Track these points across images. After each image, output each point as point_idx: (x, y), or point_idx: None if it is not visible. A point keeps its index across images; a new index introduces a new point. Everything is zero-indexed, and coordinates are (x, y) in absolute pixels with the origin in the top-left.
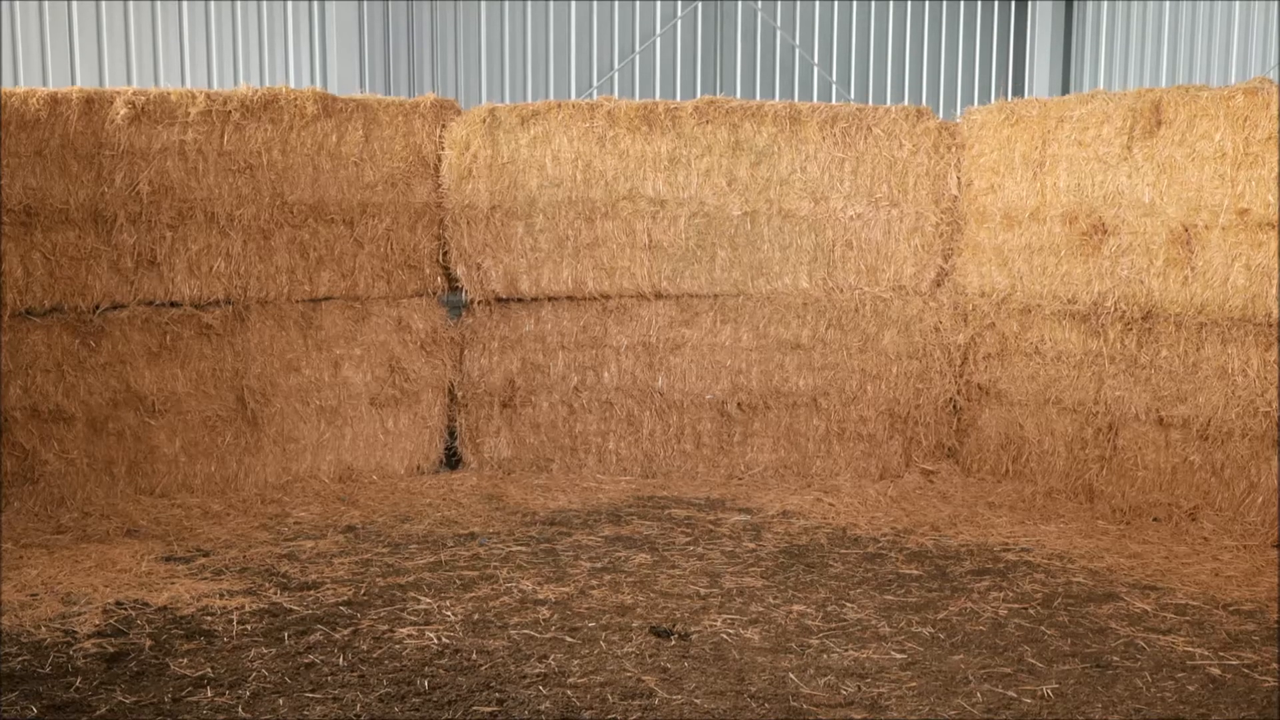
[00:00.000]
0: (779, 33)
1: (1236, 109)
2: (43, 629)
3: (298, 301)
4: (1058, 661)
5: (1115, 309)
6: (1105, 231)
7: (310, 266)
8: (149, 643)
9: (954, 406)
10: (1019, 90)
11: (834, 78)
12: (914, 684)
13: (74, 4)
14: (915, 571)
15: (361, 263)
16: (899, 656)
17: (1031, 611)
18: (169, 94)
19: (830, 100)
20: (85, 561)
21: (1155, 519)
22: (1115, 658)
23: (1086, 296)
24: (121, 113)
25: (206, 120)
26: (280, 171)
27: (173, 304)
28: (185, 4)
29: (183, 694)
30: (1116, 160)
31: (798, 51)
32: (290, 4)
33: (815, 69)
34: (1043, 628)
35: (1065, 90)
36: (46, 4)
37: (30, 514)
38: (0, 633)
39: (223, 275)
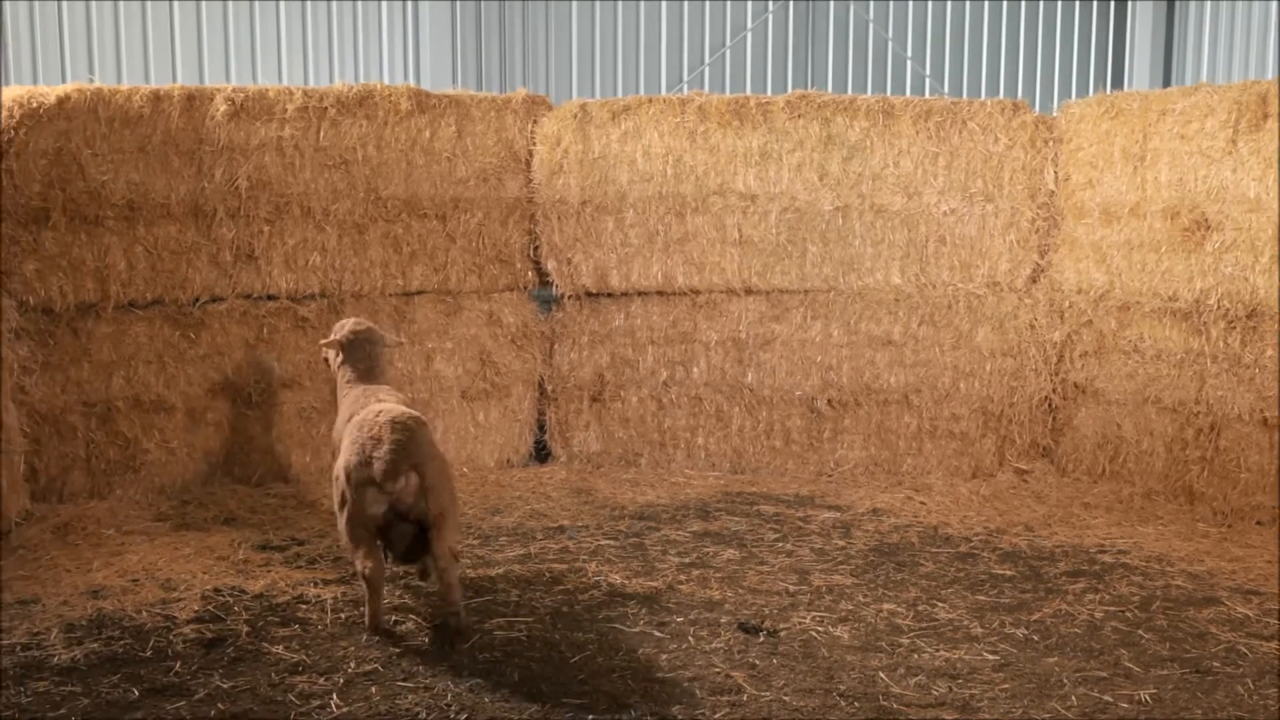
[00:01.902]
0: (872, 26)
1: None
2: (144, 613)
3: (391, 295)
4: (1156, 666)
5: (1218, 306)
6: (1208, 227)
7: (403, 261)
8: (246, 629)
9: (1049, 405)
10: (1118, 83)
11: (928, 71)
12: (1007, 686)
13: (175, 4)
14: (1008, 572)
15: (453, 257)
16: (991, 658)
17: (1129, 614)
18: (267, 91)
19: (924, 94)
20: (184, 548)
21: (1258, 522)
22: (1215, 663)
23: (1188, 294)
24: (222, 109)
25: (303, 116)
26: (375, 167)
27: (269, 297)
28: (282, 3)
29: (279, 680)
30: (1220, 154)
31: (890, 45)
32: (385, 3)
33: (909, 63)
34: (1140, 631)
35: (1166, 83)
36: (149, 4)
37: (132, 502)
38: (103, 617)
39: (318, 269)
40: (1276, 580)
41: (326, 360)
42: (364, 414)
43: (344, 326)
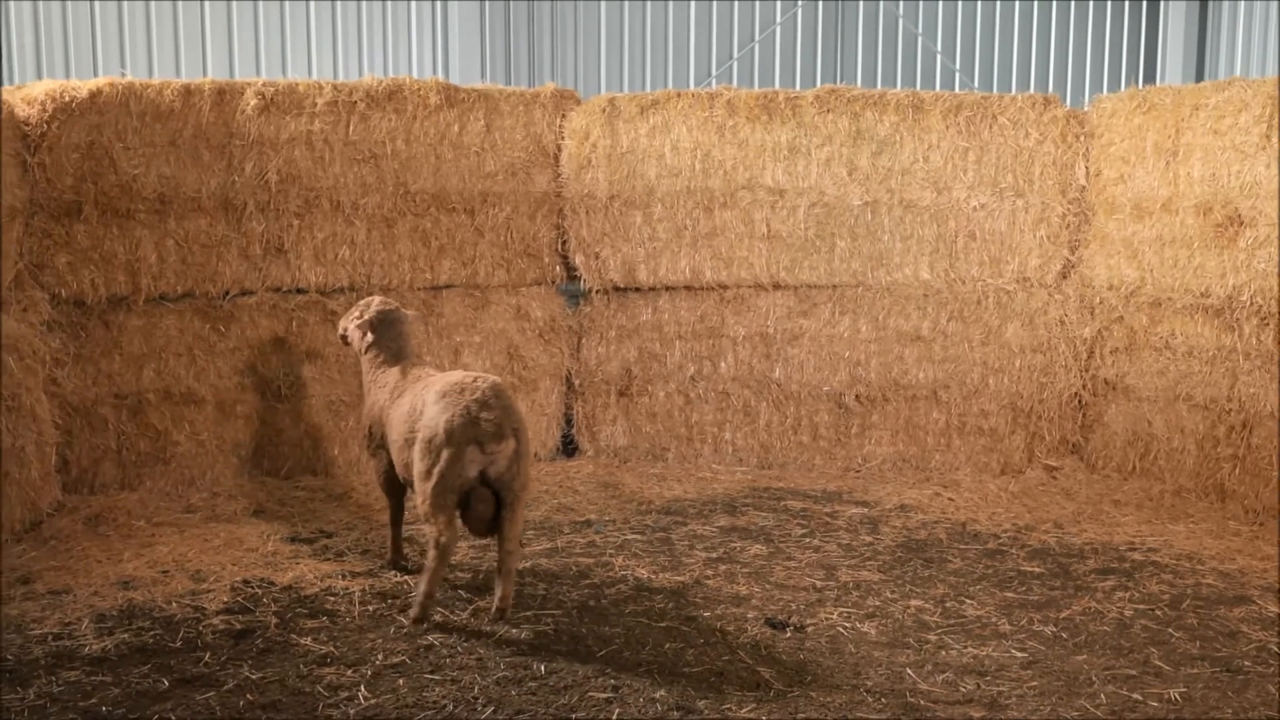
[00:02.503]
0: (901, 21)
1: None
2: (173, 604)
3: (419, 289)
4: (1185, 665)
5: (1251, 303)
6: (1241, 223)
7: (432, 255)
8: (274, 620)
9: (1079, 401)
10: (1150, 78)
11: (957, 66)
12: (1035, 683)
13: (206, 1)
14: (1037, 569)
15: (482, 251)
16: (1020, 655)
17: (1158, 613)
18: (297, 85)
19: (954, 89)
20: (214, 540)
21: None
22: (1247, 662)
23: (1220, 290)
24: (252, 103)
25: (333, 110)
26: (404, 161)
27: (299, 291)
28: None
29: (307, 671)
30: (1254, 149)
31: (920, 40)
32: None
33: (938, 57)
34: (1170, 629)
35: (1199, 78)
36: (180, 2)
37: (162, 493)
38: (134, 607)
39: (347, 263)
40: None
41: (345, 339)
42: (457, 378)
43: (370, 305)
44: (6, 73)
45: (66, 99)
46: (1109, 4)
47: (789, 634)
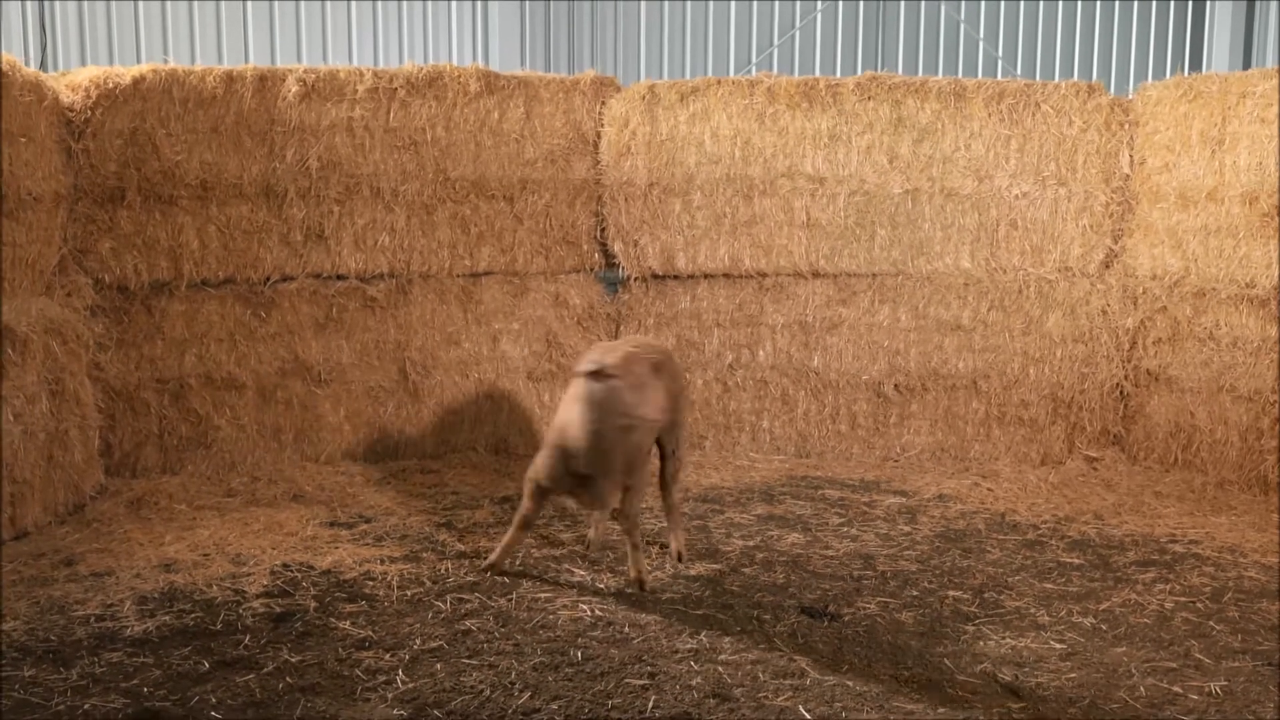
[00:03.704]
0: (944, 7)
1: None
2: (214, 587)
3: (458, 276)
4: (1227, 658)
5: None
6: None
7: (471, 242)
8: (314, 604)
9: (1121, 392)
10: (1196, 65)
11: (1000, 53)
12: (1073, 675)
13: None
14: (1076, 560)
15: (521, 238)
16: (1058, 647)
17: (1199, 605)
18: (338, 72)
19: (996, 76)
20: (254, 524)
21: None
22: None
23: (1266, 281)
24: (293, 90)
25: (373, 97)
26: (443, 148)
27: (339, 277)
28: None
29: (345, 655)
30: None
31: (963, 27)
32: None
33: (980, 44)
34: (1211, 623)
35: (1246, 65)
36: None
37: (203, 477)
38: (175, 590)
39: (387, 249)
40: None
41: None
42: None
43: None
44: (51, 60)
45: (110, 86)
46: None
47: (826, 623)
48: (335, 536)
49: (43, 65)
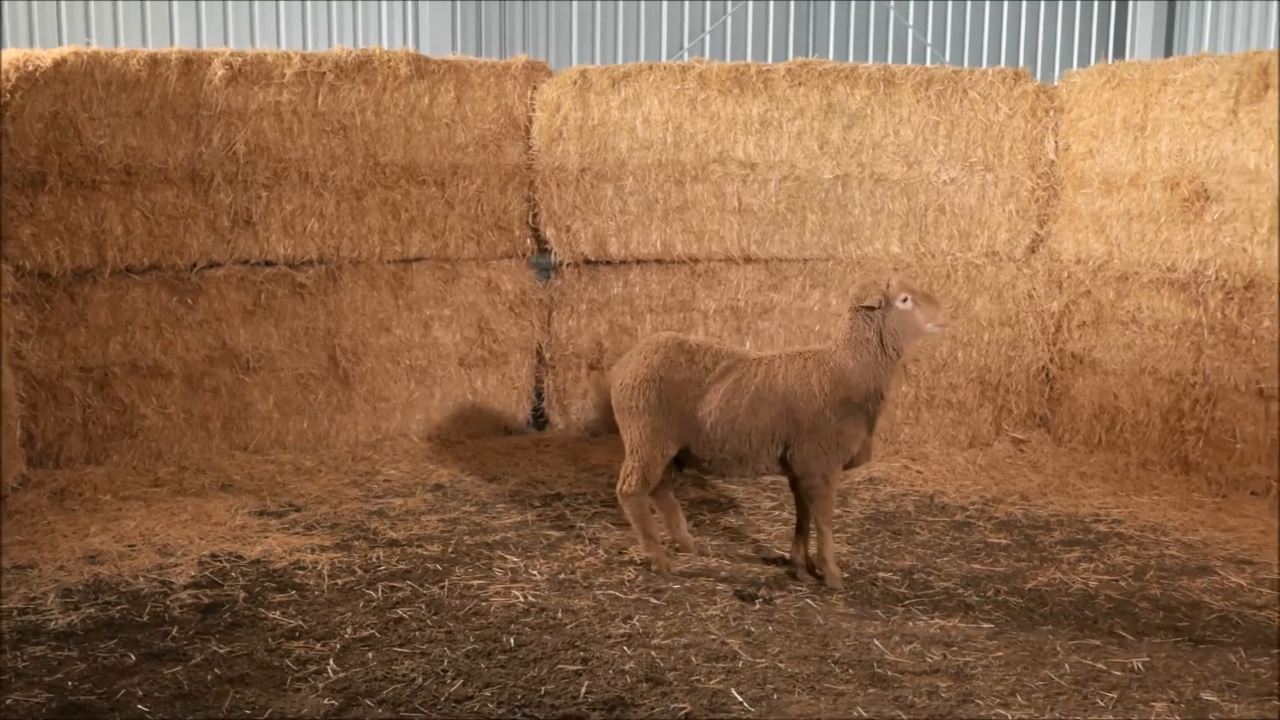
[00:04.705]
0: None
1: None
2: (141, 579)
3: (389, 262)
4: (1149, 634)
5: (1216, 277)
6: (1208, 198)
7: (402, 227)
8: (243, 594)
9: (1046, 375)
10: (1120, 53)
11: (929, 40)
12: (1001, 654)
13: None
14: (1004, 541)
15: (452, 224)
16: (986, 626)
17: (1123, 583)
18: (265, 55)
19: (925, 63)
20: (181, 514)
21: (1253, 493)
22: (1209, 632)
23: (1186, 264)
24: (219, 73)
25: (301, 81)
26: (373, 132)
27: (267, 263)
28: None
29: (275, 645)
30: (1221, 125)
31: (892, 13)
32: None
33: (910, 30)
34: (1134, 600)
35: (1168, 53)
36: None
37: (129, 467)
38: (100, 582)
39: (316, 235)
40: (1274, 550)
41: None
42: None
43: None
44: None
45: (30, 68)
46: None
47: (758, 606)
48: (265, 526)
49: None
